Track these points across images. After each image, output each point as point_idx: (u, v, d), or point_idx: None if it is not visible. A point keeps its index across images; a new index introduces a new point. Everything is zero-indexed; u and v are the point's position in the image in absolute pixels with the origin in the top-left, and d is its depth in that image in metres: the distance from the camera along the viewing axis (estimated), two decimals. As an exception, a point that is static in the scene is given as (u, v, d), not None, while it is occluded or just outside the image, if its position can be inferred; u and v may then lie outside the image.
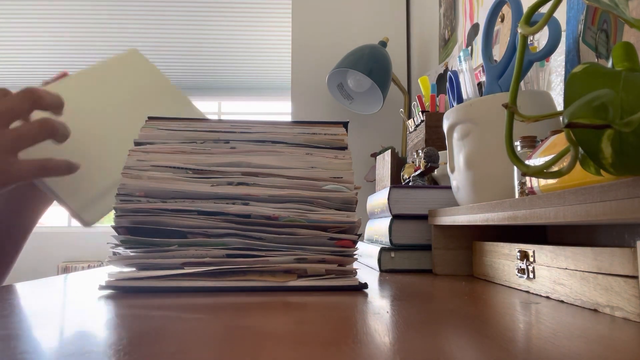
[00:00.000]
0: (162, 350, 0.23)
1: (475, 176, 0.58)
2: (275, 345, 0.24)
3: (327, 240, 0.48)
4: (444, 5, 1.37)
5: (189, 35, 3.08)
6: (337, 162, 0.52)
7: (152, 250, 0.46)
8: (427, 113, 1.01)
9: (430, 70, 1.46)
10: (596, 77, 0.29)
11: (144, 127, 0.53)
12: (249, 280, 0.45)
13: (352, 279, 0.46)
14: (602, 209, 0.29)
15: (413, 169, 0.85)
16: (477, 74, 0.94)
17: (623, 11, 0.30)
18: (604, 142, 0.28)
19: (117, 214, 0.47)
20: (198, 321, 0.30)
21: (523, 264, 0.45)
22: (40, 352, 0.23)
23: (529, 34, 0.33)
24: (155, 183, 0.48)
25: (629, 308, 0.31)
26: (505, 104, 0.33)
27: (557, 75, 0.69)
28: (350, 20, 1.78)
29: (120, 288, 0.44)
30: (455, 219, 0.57)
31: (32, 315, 0.33)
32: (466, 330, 0.28)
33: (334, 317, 0.32)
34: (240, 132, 0.53)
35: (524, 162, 0.34)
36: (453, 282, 0.53)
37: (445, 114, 0.63)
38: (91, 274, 0.62)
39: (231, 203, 0.48)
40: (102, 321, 0.31)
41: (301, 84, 1.74)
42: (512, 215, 0.42)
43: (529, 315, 0.33)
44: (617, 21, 0.56)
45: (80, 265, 3.09)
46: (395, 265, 0.66)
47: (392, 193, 0.69)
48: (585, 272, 0.36)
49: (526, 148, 0.48)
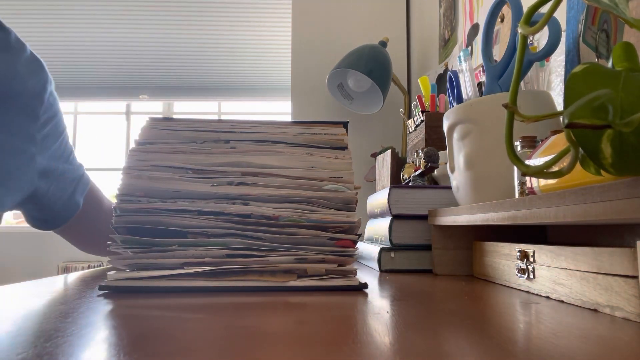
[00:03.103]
0: (162, 350, 0.23)
1: (475, 176, 0.58)
2: (275, 345, 0.24)
3: (327, 240, 0.48)
4: (444, 5, 1.37)
5: (189, 35, 3.08)
6: (337, 162, 0.52)
7: (152, 250, 0.46)
8: (427, 113, 1.01)
9: (430, 70, 1.46)
10: (596, 77, 0.29)
11: (144, 127, 0.53)
12: (249, 280, 0.45)
13: (352, 279, 0.46)
14: (602, 209, 0.29)
15: (413, 169, 0.85)
16: (477, 74, 0.94)
17: (623, 11, 0.30)
18: (604, 142, 0.28)
19: (117, 214, 0.47)
20: (198, 321, 0.30)
21: (523, 264, 0.45)
22: (39, 353, 0.23)
23: (529, 34, 0.33)
24: (155, 183, 0.48)
25: (629, 308, 0.31)
26: (505, 104, 0.33)
27: (557, 75, 0.69)
28: (350, 20, 1.78)
29: (120, 288, 0.44)
30: (455, 219, 0.56)
31: (31, 316, 0.33)
32: (466, 331, 0.28)
33: (334, 317, 0.32)
34: (240, 132, 0.53)
35: (524, 162, 0.34)
36: (453, 282, 0.53)
37: (445, 114, 0.63)
38: (91, 274, 0.62)
39: (231, 203, 0.48)
40: (102, 321, 0.31)
41: (301, 84, 1.74)
42: (512, 215, 0.42)
43: (529, 315, 0.33)
44: (617, 21, 0.56)
45: (80, 265, 3.09)
46: (395, 265, 0.66)
47: (392, 193, 0.69)
48: (585, 272, 0.36)
49: (526, 148, 0.48)
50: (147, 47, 3.14)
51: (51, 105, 0.66)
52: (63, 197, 0.70)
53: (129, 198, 0.48)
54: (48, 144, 0.66)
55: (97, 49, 3.18)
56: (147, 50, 3.15)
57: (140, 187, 0.48)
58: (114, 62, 3.18)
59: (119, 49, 3.13)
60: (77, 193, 0.72)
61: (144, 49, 3.12)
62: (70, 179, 0.71)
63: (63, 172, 0.69)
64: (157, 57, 3.19)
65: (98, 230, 0.73)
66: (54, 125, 0.67)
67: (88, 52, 3.17)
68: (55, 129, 0.67)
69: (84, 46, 3.15)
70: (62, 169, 0.69)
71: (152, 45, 3.16)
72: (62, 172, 0.69)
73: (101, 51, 3.18)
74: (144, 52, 3.16)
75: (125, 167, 0.49)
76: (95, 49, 3.18)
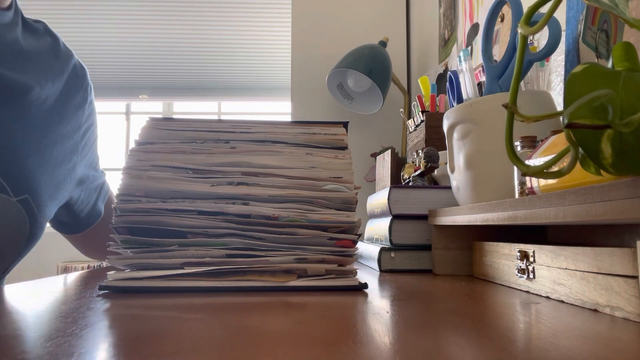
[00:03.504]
0: (162, 350, 0.23)
1: (475, 176, 0.58)
2: (275, 345, 0.24)
3: (327, 240, 0.48)
4: (444, 5, 1.37)
5: (189, 35, 3.08)
6: (337, 162, 0.52)
7: (152, 250, 0.46)
8: (427, 113, 1.01)
9: (430, 70, 1.46)
10: (596, 77, 0.29)
11: (144, 127, 0.53)
12: (249, 280, 0.45)
13: (352, 279, 0.46)
14: (602, 209, 0.29)
15: (413, 169, 0.85)
16: (477, 74, 0.94)
17: (623, 11, 0.30)
18: (604, 142, 0.28)
19: (117, 214, 0.47)
20: (198, 321, 0.30)
21: (523, 264, 0.45)
22: (39, 353, 0.23)
23: (529, 34, 0.33)
24: (155, 183, 0.48)
25: (629, 308, 0.31)
26: (505, 104, 0.33)
27: (557, 75, 0.69)
28: (350, 20, 1.78)
29: (120, 288, 0.44)
30: (455, 219, 0.56)
31: (31, 316, 0.33)
32: (466, 331, 0.28)
33: (334, 317, 0.32)
34: (240, 132, 0.53)
35: (524, 162, 0.34)
36: (453, 282, 0.53)
37: (445, 114, 0.63)
38: (91, 274, 0.62)
39: (231, 203, 0.48)
40: (102, 321, 0.31)
41: (301, 84, 1.74)
42: (512, 215, 0.42)
43: (529, 315, 0.33)
44: (617, 21, 0.56)
45: (80, 265, 3.09)
46: (395, 265, 0.66)
47: (392, 193, 0.69)
48: (585, 272, 0.36)
49: (526, 148, 0.48)
50: (147, 47, 3.14)
51: (90, 114, 0.67)
52: (89, 204, 0.71)
53: (129, 198, 0.48)
54: (85, 152, 0.66)
55: (97, 49, 3.18)
56: (147, 50, 3.15)
57: (140, 187, 0.48)
58: (114, 62, 3.18)
59: (119, 49, 3.13)
60: (99, 200, 0.73)
61: (144, 49, 3.12)
62: (95, 186, 0.71)
63: (93, 180, 0.70)
64: (157, 57, 3.19)
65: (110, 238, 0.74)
66: (91, 133, 0.68)
67: (88, 52, 3.17)
68: (91, 137, 0.68)
69: (84, 46, 3.15)
70: (92, 177, 0.70)
71: (152, 45, 3.16)
72: (92, 179, 0.70)
73: (101, 51, 3.18)
74: (144, 52, 3.16)
75: (125, 167, 0.49)
76: (95, 49, 3.18)
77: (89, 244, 0.77)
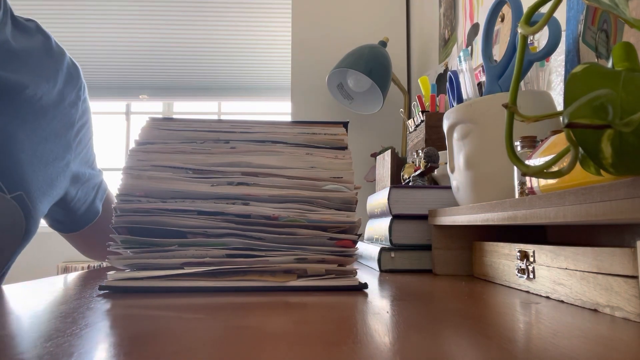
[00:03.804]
0: (162, 350, 0.23)
1: (475, 176, 0.58)
2: (275, 345, 0.24)
3: (327, 240, 0.48)
4: (444, 5, 1.37)
5: (189, 35, 3.08)
6: (337, 162, 0.52)
7: (152, 250, 0.46)
8: (427, 113, 1.01)
9: (430, 70, 1.46)
10: (596, 77, 0.29)
11: (144, 127, 0.53)
12: (249, 280, 0.45)
13: (352, 279, 0.46)
14: (602, 209, 0.29)
15: (413, 169, 0.85)
16: (477, 74, 0.94)
17: (623, 11, 0.30)
18: (604, 142, 0.28)
19: (117, 214, 0.47)
20: (198, 321, 0.30)
21: (523, 264, 0.45)
22: (39, 353, 0.23)
23: (529, 34, 0.33)
24: (155, 183, 0.48)
25: (629, 308, 0.31)
26: (505, 104, 0.33)
27: (557, 75, 0.69)
28: (350, 20, 1.78)
29: (120, 288, 0.44)
30: (455, 219, 0.56)
31: (31, 316, 0.33)
32: (466, 331, 0.28)
33: (334, 317, 0.32)
34: (240, 132, 0.53)
35: (524, 162, 0.34)
36: (453, 282, 0.53)
37: (445, 114, 0.63)
38: (91, 274, 0.62)
39: (231, 203, 0.48)
40: (102, 321, 0.31)
41: (301, 84, 1.74)
42: (512, 215, 0.42)
43: (529, 315, 0.33)
44: (617, 21, 0.56)
45: (80, 265, 3.09)
46: (395, 265, 0.66)
47: (392, 193, 0.69)
48: (585, 272, 0.36)
49: (526, 148, 0.48)
50: (147, 47, 3.14)
51: (84, 112, 0.67)
52: (87, 202, 0.71)
53: (129, 198, 0.48)
54: (79, 150, 0.67)
55: (97, 49, 3.18)
56: (147, 50, 3.15)
57: (140, 187, 0.48)
58: (114, 62, 3.18)
59: (119, 49, 3.13)
60: (97, 199, 0.73)
61: (144, 49, 3.12)
62: (92, 184, 0.72)
63: (89, 178, 0.70)
64: (157, 57, 3.19)
65: (109, 238, 0.75)
66: (85, 130, 0.68)
67: (88, 52, 3.17)
68: (85, 135, 0.68)
69: (84, 46, 3.15)
70: (88, 175, 0.70)
71: (152, 45, 3.16)
72: (88, 177, 0.70)
73: (101, 51, 3.18)
74: (144, 52, 3.16)
75: (125, 167, 0.49)
76: (95, 49, 3.18)
77: (88, 243, 0.77)
